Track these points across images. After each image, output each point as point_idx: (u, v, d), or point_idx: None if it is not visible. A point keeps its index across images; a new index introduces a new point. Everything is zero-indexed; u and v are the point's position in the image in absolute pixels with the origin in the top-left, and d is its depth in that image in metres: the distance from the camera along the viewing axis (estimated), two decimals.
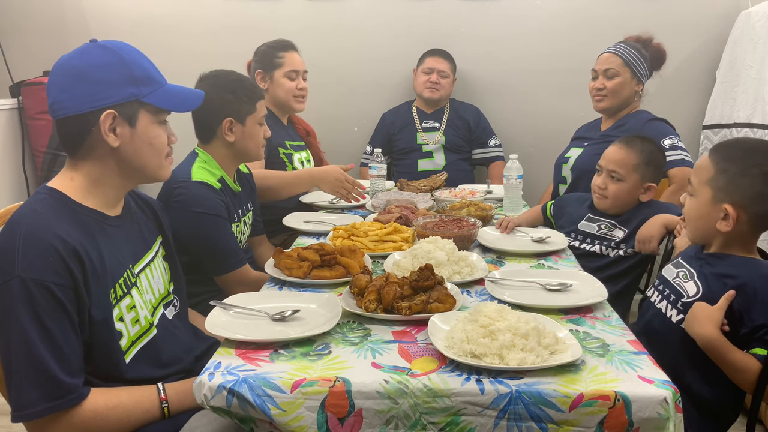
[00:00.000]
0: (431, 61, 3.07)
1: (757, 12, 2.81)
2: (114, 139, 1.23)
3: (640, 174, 1.91)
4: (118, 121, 1.23)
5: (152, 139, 1.28)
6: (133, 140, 1.26)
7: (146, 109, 1.26)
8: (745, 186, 1.35)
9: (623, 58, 2.37)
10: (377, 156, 2.61)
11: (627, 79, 2.37)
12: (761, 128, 2.67)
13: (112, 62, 1.22)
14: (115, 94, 1.22)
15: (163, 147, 1.31)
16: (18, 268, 1.09)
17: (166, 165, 1.35)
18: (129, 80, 1.23)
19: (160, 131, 1.30)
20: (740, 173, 1.36)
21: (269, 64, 2.56)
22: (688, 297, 1.42)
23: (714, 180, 1.40)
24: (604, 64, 2.40)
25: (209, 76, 1.94)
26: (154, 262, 1.41)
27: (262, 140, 1.98)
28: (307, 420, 1.07)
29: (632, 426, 1.05)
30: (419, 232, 1.89)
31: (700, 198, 1.43)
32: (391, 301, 1.33)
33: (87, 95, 1.21)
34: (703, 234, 1.46)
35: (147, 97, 1.25)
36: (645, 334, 1.49)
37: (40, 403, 1.10)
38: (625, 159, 1.92)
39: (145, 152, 1.28)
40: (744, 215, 1.37)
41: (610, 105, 2.41)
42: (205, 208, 1.78)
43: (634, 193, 1.94)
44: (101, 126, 1.21)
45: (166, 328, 1.38)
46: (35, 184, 3.11)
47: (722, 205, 1.37)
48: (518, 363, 1.10)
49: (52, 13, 3.20)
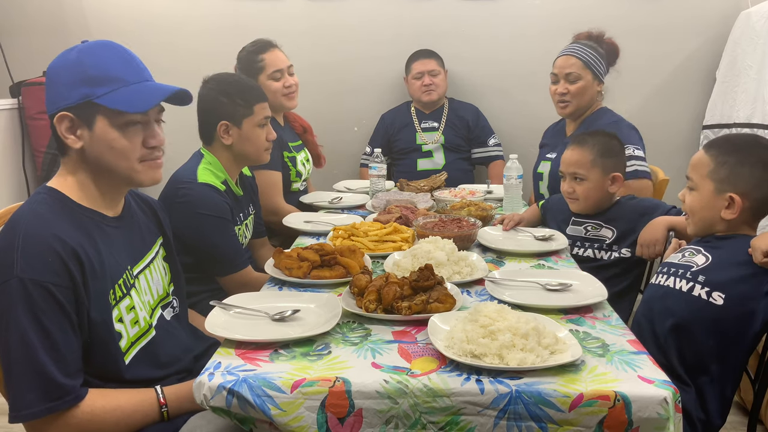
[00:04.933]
0: (418, 66, 3.06)
1: (757, 12, 2.81)
2: (74, 141, 1.20)
3: (599, 167, 1.90)
4: (77, 123, 1.20)
5: (111, 142, 1.21)
6: (93, 143, 1.21)
7: (103, 112, 1.19)
8: (746, 174, 1.45)
9: (582, 60, 2.32)
10: (377, 156, 2.61)
11: (589, 81, 2.32)
12: (761, 128, 2.67)
13: (72, 63, 1.20)
14: (69, 95, 1.18)
15: (127, 150, 1.22)
16: (17, 268, 1.09)
17: (142, 169, 1.26)
18: (82, 81, 1.18)
19: (119, 134, 1.21)
20: (739, 163, 1.46)
21: (252, 70, 2.49)
22: (697, 266, 1.47)
23: (714, 172, 1.48)
24: (564, 67, 2.33)
25: (209, 79, 1.94)
26: (153, 263, 1.41)
27: (263, 143, 1.95)
28: (307, 420, 1.07)
29: (632, 426, 1.05)
30: (419, 232, 1.89)
31: (702, 191, 1.50)
32: (391, 301, 1.33)
33: (51, 97, 1.20)
34: (708, 224, 1.52)
35: (100, 98, 1.18)
36: (647, 302, 1.55)
37: (37, 404, 1.10)
38: (580, 158, 1.92)
39: (107, 156, 1.22)
40: (747, 201, 1.45)
41: (575, 109, 2.36)
42: (209, 210, 1.78)
43: (602, 187, 1.92)
44: (57, 128, 1.19)
45: (165, 330, 1.38)
46: (35, 184, 3.11)
47: (726, 195, 1.46)
48: (518, 363, 1.10)
49: (52, 13, 3.20)
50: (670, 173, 2.31)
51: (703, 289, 1.42)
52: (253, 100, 1.91)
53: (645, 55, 3.15)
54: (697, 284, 1.43)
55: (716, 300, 1.40)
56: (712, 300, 1.40)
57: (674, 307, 1.46)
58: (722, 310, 1.39)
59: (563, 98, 2.35)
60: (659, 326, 1.48)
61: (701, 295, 1.42)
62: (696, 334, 1.42)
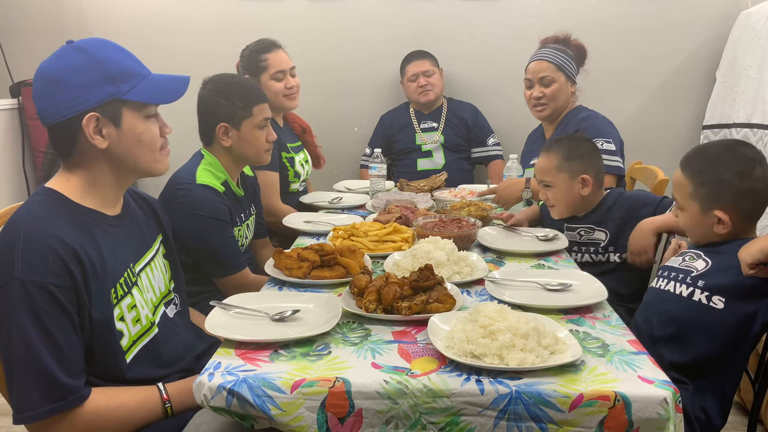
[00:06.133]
0: (412, 68, 3.07)
1: (757, 12, 2.81)
2: (101, 141, 1.21)
3: (566, 172, 1.89)
4: (103, 122, 1.20)
5: (140, 135, 1.24)
6: (121, 139, 1.23)
7: (129, 106, 1.22)
8: (726, 189, 1.44)
9: (555, 63, 2.34)
10: (377, 156, 2.61)
11: (563, 83, 2.34)
12: (761, 128, 2.67)
13: (86, 63, 1.19)
14: (94, 96, 1.19)
15: (154, 141, 1.27)
16: (18, 270, 1.09)
17: (161, 158, 1.31)
18: (106, 79, 1.19)
19: (148, 125, 1.25)
20: (717, 180, 1.45)
21: (254, 69, 2.51)
22: (697, 271, 1.46)
23: (696, 194, 1.48)
24: (537, 72, 2.35)
25: (209, 80, 1.94)
26: (154, 260, 1.41)
27: (262, 144, 1.95)
28: (307, 420, 1.07)
29: (632, 426, 1.05)
30: (419, 232, 1.89)
31: (689, 211, 1.51)
32: (391, 301, 1.33)
33: (66, 101, 1.18)
34: (704, 238, 1.51)
35: (127, 94, 1.21)
36: (646, 306, 1.55)
37: (41, 405, 1.10)
38: (546, 165, 1.92)
39: (135, 149, 1.25)
40: (735, 214, 1.44)
41: (552, 112, 2.38)
42: (207, 212, 1.78)
43: (572, 191, 1.90)
44: (85, 130, 1.19)
45: (168, 327, 1.38)
46: (35, 184, 3.11)
47: (713, 212, 1.44)
48: (518, 363, 1.10)
49: (52, 13, 3.20)
50: (670, 173, 2.28)
51: (703, 293, 1.41)
52: (252, 102, 1.91)
53: (645, 55, 3.16)
54: (697, 289, 1.43)
55: (716, 304, 1.39)
56: (712, 304, 1.39)
57: (674, 312, 1.46)
58: (723, 314, 1.38)
59: (539, 102, 2.37)
60: (658, 330, 1.47)
61: (701, 300, 1.41)
62: (696, 339, 1.41)
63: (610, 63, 3.10)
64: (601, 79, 2.90)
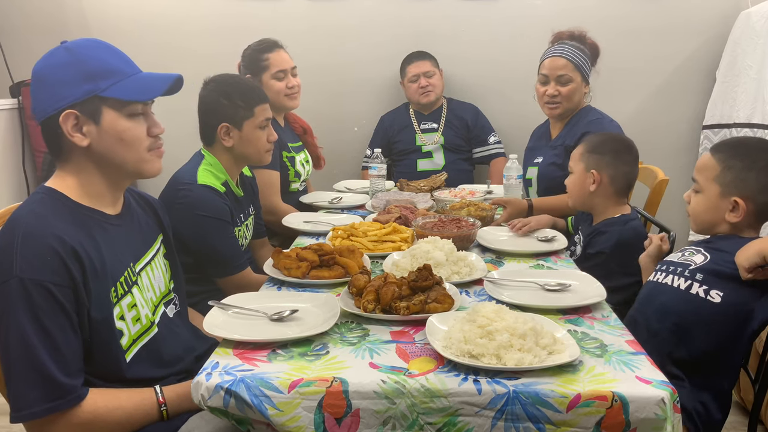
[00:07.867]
0: (413, 69, 3.06)
1: (757, 12, 2.81)
2: (81, 139, 1.20)
3: (584, 163, 1.93)
4: (82, 119, 1.19)
5: (121, 133, 1.22)
6: (102, 137, 1.21)
7: (109, 104, 1.20)
8: (752, 179, 1.46)
9: (573, 62, 2.29)
10: (377, 156, 2.61)
11: (579, 83, 2.30)
12: (761, 128, 2.67)
13: (67, 61, 1.19)
14: (72, 93, 1.18)
15: (137, 140, 1.24)
16: (16, 268, 1.09)
17: (150, 159, 1.28)
18: (84, 77, 1.18)
19: (131, 124, 1.23)
20: (746, 168, 1.47)
21: (256, 68, 2.51)
22: (695, 265, 1.47)
23: (721, 176, 1.49)
24: (555, 69, 2.29)
25: (210, 80, 1.94)
26: (155, 260, 1.41)
27: (264, 144, 1.95)
28: (304, 420, 1.07)
29: (629, 426, 1.05)
30: (418, 232, 1.89)
31: (708, 193, 1.51)
32: (390, 301, 1.33)
33: (47, 98, 1.19)
34: (710, 225, 1.54)
35: (106, 91, 1.19)
36: (643, 299, 1.56)
37: (38, 404, 1.10)
38: (575, 152, 1.98)
39: (117, 148, 1.23)
40: (751, 205, 1.46)
41: (564, 111, 2.33)
42: (209, 212, 1.78)
43: (583, 184, 1.92)
44: (63, 127, 1.19)
45: (168, 327, 1.38)
46: (35, 184, 3.11)
47: (731, 198, 1.47)
48: (516, 363, 1.10)
49: (52, 13, 3.20)
50: (670, 173, 2.31)
51: (701, 287, 1.42)
52: (254, 102, 1.91)
53: (645, 55, 3.15)
54: (695, 282, 1.43)
55: (714, 298, 1.40)
56: (709, 298, 1.40)
57: (671, 305, 1.46)
58: (720, 308, 1.39)
59: (554, 100, 2.32)
60: (655, 323, 1.48)
61: (699, 293, 1.42)
62: (693, 332, 1.42)
63: (609, 63, 3.07)
64: (601, 79, 2.89)
